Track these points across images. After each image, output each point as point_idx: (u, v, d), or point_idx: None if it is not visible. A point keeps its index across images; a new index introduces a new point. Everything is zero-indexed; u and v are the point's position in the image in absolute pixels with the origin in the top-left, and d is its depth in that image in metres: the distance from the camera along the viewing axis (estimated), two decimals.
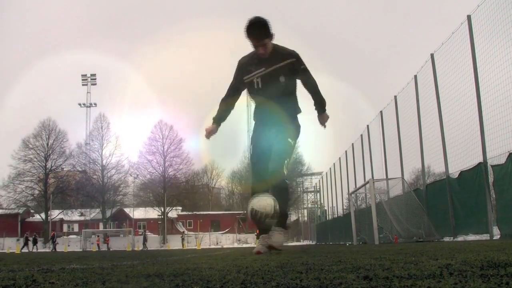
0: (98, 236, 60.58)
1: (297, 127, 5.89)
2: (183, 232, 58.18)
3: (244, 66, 5.68)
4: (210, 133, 5.80)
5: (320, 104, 5.99)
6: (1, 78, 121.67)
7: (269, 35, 5.31)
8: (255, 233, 54.72)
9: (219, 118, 5.86)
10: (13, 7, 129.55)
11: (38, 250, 46.93)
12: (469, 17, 12.93)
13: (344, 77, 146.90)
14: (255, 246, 5.83)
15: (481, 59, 12.39)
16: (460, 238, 13.59)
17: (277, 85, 5.57)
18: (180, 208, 78.64)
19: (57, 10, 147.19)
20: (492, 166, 11.81)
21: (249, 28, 5.24)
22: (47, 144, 68.27)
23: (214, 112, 5.96)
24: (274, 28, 5.30)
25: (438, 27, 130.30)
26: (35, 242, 48.62)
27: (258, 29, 5.26)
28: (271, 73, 5.54)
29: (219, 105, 5.89)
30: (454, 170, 14.32)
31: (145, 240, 57.36)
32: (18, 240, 52.43)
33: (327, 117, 6.05)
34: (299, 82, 5.90)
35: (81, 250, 51.37)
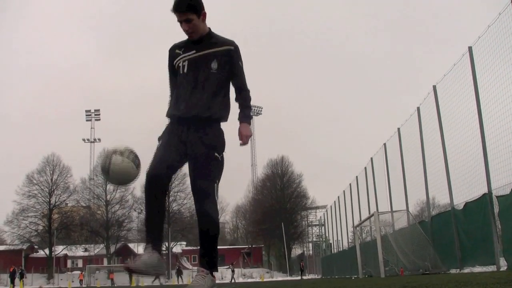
0: (82, 272, 58.86)
1: (223, 137, 4.50)
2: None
3: (173, 50, 4.53)
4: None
5: (246, 108, 4.55)
6: (3, 113, 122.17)
7: (195, 10, 4.24)
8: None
9: None
10: (16, 40, 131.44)
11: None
12: (470, 49, 13.03)
13: (346, 110, 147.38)
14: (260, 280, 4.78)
15: (483, 90, 12.46)
16: (467, 270, 13.46)
17: (207, 72, 4.36)
18: (185, 243, 78.33)
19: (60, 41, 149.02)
20: (497, 196, 11.76)
21: (174, 0, 4.27)
22: (51, 180, 68.56)
23: None
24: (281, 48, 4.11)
25: (440, 58, 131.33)
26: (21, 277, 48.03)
27: (181, 0, 4.24)
28: (202, 56, 4.38)
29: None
30: (459, 201, 14.25)
31: (180, 273, 56.68)
32: (9, 276, 51.42)
33: (250, 132, 4.51)
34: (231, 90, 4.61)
35: (85, 286, 51.01)
